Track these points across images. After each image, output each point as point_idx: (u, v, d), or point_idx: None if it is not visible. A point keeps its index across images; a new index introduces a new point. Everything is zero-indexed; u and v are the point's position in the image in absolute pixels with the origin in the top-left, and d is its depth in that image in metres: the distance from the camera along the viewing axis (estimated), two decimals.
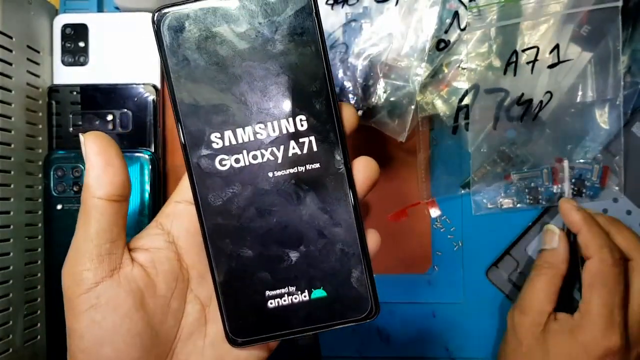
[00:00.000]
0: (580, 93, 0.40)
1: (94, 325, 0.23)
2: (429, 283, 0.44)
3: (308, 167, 0.24)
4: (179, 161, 0.44)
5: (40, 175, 0.41)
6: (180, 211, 0.26)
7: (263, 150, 0.24)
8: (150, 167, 0.41)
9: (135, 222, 0.40)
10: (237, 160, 0.24)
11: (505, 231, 0.43)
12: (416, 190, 0.43)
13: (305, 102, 0.24)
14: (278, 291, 0.24)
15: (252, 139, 0.24)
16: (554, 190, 0.42)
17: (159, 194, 0.42)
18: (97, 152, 0.23)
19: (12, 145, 0.38)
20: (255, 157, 0.24)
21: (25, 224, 0.39)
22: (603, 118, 0.41)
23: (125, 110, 0.42)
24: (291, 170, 0.24)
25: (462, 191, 0.43)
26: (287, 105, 0.24)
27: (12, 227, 0.38)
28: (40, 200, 0.41)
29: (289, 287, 0.24)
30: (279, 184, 0.24)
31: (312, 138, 0.24)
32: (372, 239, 0.25)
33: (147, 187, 0.41)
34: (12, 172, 0.38)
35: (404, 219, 0.43)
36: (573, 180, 0.42)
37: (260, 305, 0.24)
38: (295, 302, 0.24)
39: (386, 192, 0.43)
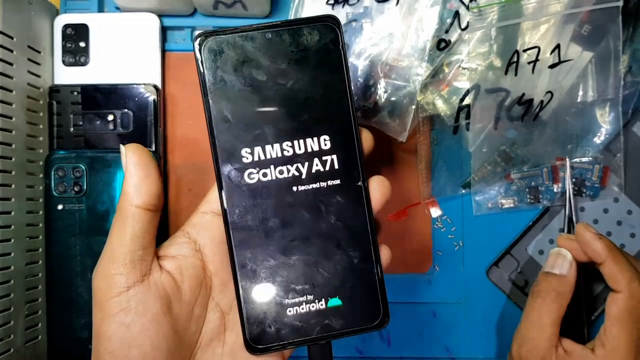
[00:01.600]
0: (580, 93, 0.40)
1: (123, 328, 0.23)
2: (430, 283, 0.44)
3: (329, 182, 0.26)
4: (179, 161, 0.44)
5: (41, 176, 0.41)
6: (206, 221, 0.27)
7: (289, 166, 0.25)
8: None
9: None
10: (264, 175, 0.25)
11: (505, 231, 0.43)
12: (417, 190, 0.43)
13: (330, 124, 0.26)
14: (296, 300, 0.25)
15: (279, 155, 0.25)
16: (555, 190, 0.42)
17: None
18: (136, 163, 0.25)
19: (13, 146, 0.38)
20: (281, 172, 0.25)
21: (26, 224, 0.39)
22: (603, 118, 0.41)
23: (126, 110, 0.42)
24: (314, 185, 0.26)
25: (463, 191, 0.43)
26: (313, 126, 0.26)
27: (13, 227, 0.38)
28: (41, 200, 0.41)
29: (307, 296, 0.25)
30: (302, 198, 0.25)
31: (334, 157, 0.26)
32: (384, 253, 0.27)
33: None
34: (13, 172, 0.38)
35: (405, 219, 0.43)
36: (573, 180, 0.42)
37: (280, 313, 0.25)
38: (312, 310, 0.25)
39: None
